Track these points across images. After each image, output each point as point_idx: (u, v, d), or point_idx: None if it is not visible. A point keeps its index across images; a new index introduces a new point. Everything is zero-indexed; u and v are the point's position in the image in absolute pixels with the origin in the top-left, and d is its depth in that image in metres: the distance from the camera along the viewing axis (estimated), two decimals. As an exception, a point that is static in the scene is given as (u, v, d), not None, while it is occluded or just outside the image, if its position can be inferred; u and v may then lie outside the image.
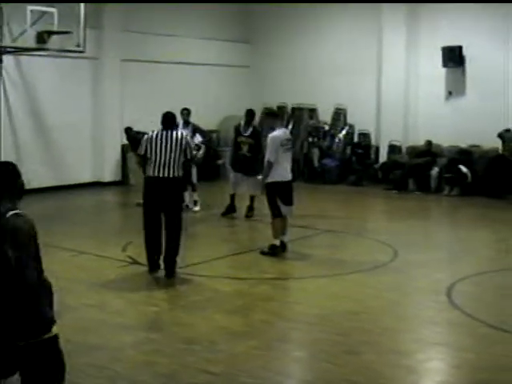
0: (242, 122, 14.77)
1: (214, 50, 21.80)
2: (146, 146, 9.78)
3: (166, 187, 9.63)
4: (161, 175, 9.60)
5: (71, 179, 18.39)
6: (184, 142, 9.74)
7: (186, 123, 15.31)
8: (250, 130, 14.62)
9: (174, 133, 9.82)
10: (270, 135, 11.21)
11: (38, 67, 17.49)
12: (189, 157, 9.86)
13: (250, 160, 14.37)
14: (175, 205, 9.77)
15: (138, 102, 19.43)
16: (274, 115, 12.26)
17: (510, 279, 10.59)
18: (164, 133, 9.78)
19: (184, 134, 10.05)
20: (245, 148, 14.52)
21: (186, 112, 15.49)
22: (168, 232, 9.79)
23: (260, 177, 11.53)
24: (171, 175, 9.62)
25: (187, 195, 14.84)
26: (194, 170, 15.20)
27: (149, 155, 9.70)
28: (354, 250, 12.33)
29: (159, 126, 10.00)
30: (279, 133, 11.25)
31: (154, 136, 9.78)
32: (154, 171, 9.65)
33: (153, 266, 9.92)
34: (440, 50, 19.37)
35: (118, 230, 14.05)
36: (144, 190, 9.88)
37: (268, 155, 11.11)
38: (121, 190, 18.93)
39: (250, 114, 14.85)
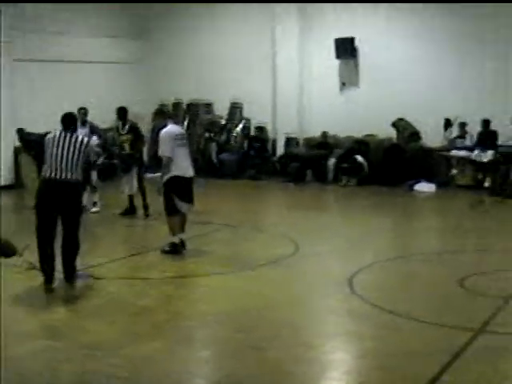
0: (120, 123, 14.90)
1: (107, 47, 21.43)
2: (46, 149, 9.43)
3: (64, 190, 9.29)
4: (58, 177, 9.26)
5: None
6: (84, 147, 9.43)
7: (84, 123, 15.12)
8: (127, 126, 14.76)
9: (75, 136, 9.48)
10: (162, 131, 11.18)
11: None
12: (87, 160, 9.69)
13: (131, 156, 14.63)
14: (74, 208, 9.46)
15: (32, 102, 18.92)
16: (162, 113, 12.45)
17: (407, 266, 10.84)
18: (63, 134, 9.44)
19: (85, 139, 9.71)
20: (126, 146, 14.68)
21: (82, 111, 15.28)
22: (66, 236, 9.48)
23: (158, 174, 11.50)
24: (69, 177, 9.29)
25: (86, 196, 14.62)
26: (94, 171, 15.03)
27: (47, 156, 9.36)
28: (256, 244, 12.36)
29: (56, 127, 9.77)
30: (171, 128, 11.23)
31: (52, 137, 9.46)
32: (51, 173, 9.31)
33: (49, 278, 9.42)
34: (333, 42, 19.61)
35: (13, 234, 13.65)
36: (38, 192, 9.49)
37: (162, 151, 11.05)
38: (15, 194, 18.46)
39: (121, 111, 14.95)
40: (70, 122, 9.64)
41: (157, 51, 22.46)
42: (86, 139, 9.67)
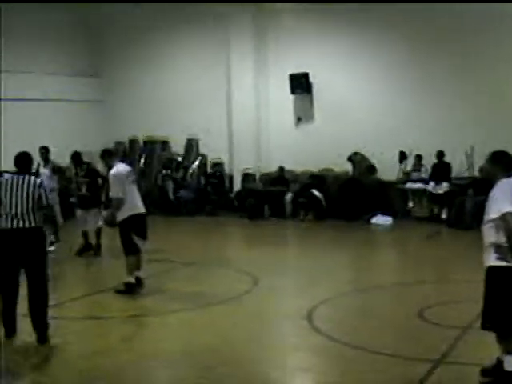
0: (77, 166, 15.04)
1: (64, 86, 21.40)
2: None
3: (24, 239, 8.53)
4: (15, 226, 8.51)
5: None
6: (37, 189, 8.63)
7: (46, 162, 15.17)
8: (84, 169, 14.89)
9: (27, 178, 8.68)
10: (111, 173, 11.15)
11: None
12: (45, 203, 8.68)
13: (90, 198, 14.63)
14: (37, 259, 8.63)
15: None
16: (110, 153, 12.25)
17: (366, 298, 10.89)
18: (16, 178, 8.67)
19: (38, 180, 8.81)
20: (83, 188, 14.73)
21: (43, 151, 15.30)
22: (32, 290, 8.63)
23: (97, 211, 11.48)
24: (27, 225, 8.53)
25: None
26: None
27: (1, 204, 8.58)
28: (214, 281, 12.35)
29: (12, 167, 9.55)
30: (119, 168, 11.21)
31: (4, 182, 8.68)
32: (7, 222, 8.54)
33: (10, 331, 8.74)
34: (288, 78, 19.80)
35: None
36: None
37: (114, 192, 11.01)
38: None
39: (75, 157, 15.17)
40: (23, 162, 8.88)
41: (114, 90, 22.52)
42: (38, 180, 8.83)
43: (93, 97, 22.38)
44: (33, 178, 8.89)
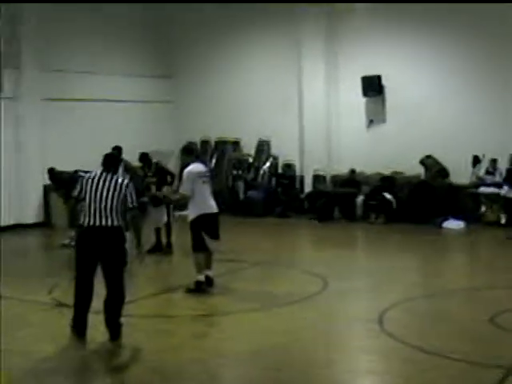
0: (145, 166, 15.22)
1: (136, 87, 21.69)
2: (81, 189, 8.70)
3: (104, 238, 8.54)
4: (97, 224, 8.52)
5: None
6: (124, 189, 8.64)
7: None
8: (153, 168, 15.05)
9: (115, 177, 8.73)
10: (186, 170, 11.27)
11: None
12: (131, 205, 8.67)
13: (159, 199, 14.67)
14: (115, 259, 8.61)
15: (61, 141, 19.14)
16: (190, 150, 12.43)
17: (437, 303, 10.73)
18: (103, 176, 8.70)
19: (125, 181, 8.84)
20: (153, 188, 14.88)
21: (116, 151, 15.43)
22: (110, 288, 8.65)
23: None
24: (110, 224, 8.54)
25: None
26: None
27: (84, 200, 8.61)
28: (283, 281, 12.32)
29: (84, 165, 9.72)
30: (194, 167, 11.28)
31: (91, 178, 8.69)
32: (89, 220, 8.55)
33: (81, 331, 8.76)
34: (360, 80, 19.68)
35: (43, 272, 13.73)
36: (78, 241, 8.81)
37: (183, 189, 11.16)
38: (44, 232, 18.60)
39: (143, 157, 15.31)
40: (111, 162, 8.90)
41: (185, 91, 22.68)
42: (126, 181, 8.87)
43: (165, 98, 22.58)
44: (120, 178, 8.94)
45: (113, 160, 8.99)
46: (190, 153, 12.24)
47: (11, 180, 18.63)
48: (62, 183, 15.55)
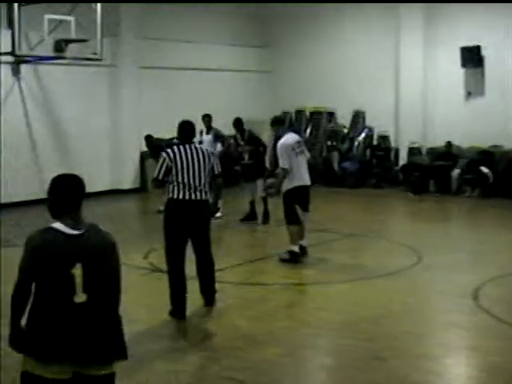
0: (238, 134, 15.05)
1: (233, 56, 21.79)
2: (167, 166, 8.31)
3: (198, 211, 8.38)
4: (192, 198, 8.30)
5: (89, 187, 18.20)
6: (210, 158, 8.49)
7: (208, 130, 15.36)
8: (246, 137, 14.87)
9: (199, 148, 8.56)
10: (279, 142, 11.16)
11: (56, 76, 17.53)
12: (216, 172, 8.58)
13: (254, 166, 14.62)
14: (206, 231, 8.57)
15: (156, 109, 19.43)
16: (280, 121, 12.34)
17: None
18: (187, 148, 8.39)
19: (208, 149, 8.82)
20: (246, 156, 14.78)
21: (207, 119, 15.50)
22: (201, 257, 8.65)
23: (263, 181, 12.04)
24: (203, 197, 8.39)
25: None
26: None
27: (174, 175, 8.29)
28: (377, 253, 12.22)
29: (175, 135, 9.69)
30: (287, 138, 11.15)
31: (177, 152, 8.35)
32: (183, 193, 8.29)
33: (182, 312, 8.46)
34: (458, 51, 19.24)
35: (138, 237, 13.97)
36: (168, 214, 8.47)
37: (281, 163, 11.04)
38: (140, 197, 18.92)
39: (237, 122, 15.06)
40: (189, 132, 8.59)
41: (282, 60, 22.65)
42: (209, 150, 8.81)
43: (261, 67, 22.61)
44: (204, 147, 8.89)
45: (189, 130, 8.60)
46: (280, 123, 12.14)
47: (109, 146, 19.00)
48: (158, 150, 15.70)
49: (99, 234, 4.22)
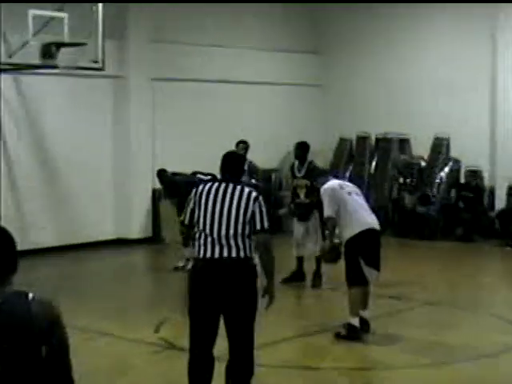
0: (297, 162, 14.95)
1: (272, 64, 21.91)
2: (193, 210, 7.95)
3: (229, 274, 7.76)
4: (217, 256, 7.76)
5: (87, 236, 18.42)
6: (251, 204, 7.80)
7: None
8: (305, 168, 14.77)
9: (238, 188, 7.89)
10: (322, 188, 11.37)
11: (43, 89, 17.68)
12: (258, 227, 7.80)
13: (309, 207, 14.48)
14: (244, 306, 7.84)
15: (173, 133, 19.55)
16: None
17: None
18: (220, 185, 7.93)
19: (253, 192, 7.91)
20: (302, 193, 14.68)
21: (242, 145, 15.61)
22: (234, 352, 7.96)
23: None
24: (235, 255, 7.78)
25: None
26: None
27: (195, 221, 7.91)
28: (464, 329, 12.11)
29: (202, 166, 9.72)
30: (330, 183, 11.47)
31: (205, 189, 7.94)
32: (204, 248, 7.82)
33: None
34: None
35: (149, 303, 14.00)
36: (191, 279, 8.08)
37: (326, 211, 11.13)
38: (152, 249, 18.98)
39: (301, 147, 14.95)
40: (234, 166, 8.15)
41: (336, 71, 22.74)
42: (253, 192, 7.94)
43: (310, 79, 22.69)
44: (246, 188, 8.01)
45: (236, 163, 8.26)
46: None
47: (112, 181, 19.13)
48: (175, 189, 15.75)
49: (20, 307, 3.82)
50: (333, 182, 11.45)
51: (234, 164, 8.15)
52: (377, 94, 22.08)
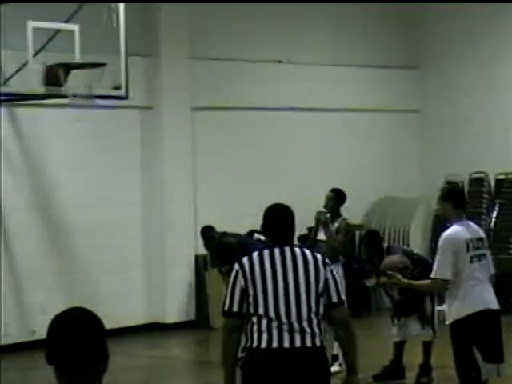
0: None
1: (352, 84, 22.00)
2: (241, 287, 7.86)
3: (300, 370, 7.70)
4: (285, 345, 7.70)
5: (111, 321, 18.37)
6: (322, 272, 7.84)
7: (333, 216, 15.42)
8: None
9: (299, 252, 7.95)
10: (443, 234, 11.12)
11: (48, 126, 17.85)
12: (335, 300, 7.87)
13: (411, 303, 14.41)
14: None
15: (220, 181, 19.67)
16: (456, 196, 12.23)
17: None
18: (277, 252, 7.93)
19: (319, 256, 8.04)
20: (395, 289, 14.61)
21: (332, 194, 15.59)
22: None
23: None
24: (310, 344, 7.73)
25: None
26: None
27: (251, 304, 7.84)
28: None
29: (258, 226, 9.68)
30: (458, 230, 11.08)
31: (257, 261, 7.93)
32: (268, 337, 7.76)
33: None
34: None
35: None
36: (247, 376, 8.03)
37: (437, 269, 10.98)
38: (196, 338, 19.01)
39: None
40: (288, 224, 8.21)
41: (438, 92, 22.77)
42: (319, 256, 8.09)
43: (407, 104, 22.75)
44: (307, 251, 8.12)
45: (290, 219, 8.26)
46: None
47: (141, 245, 19.27)
48: (227, 254, 15.78)
49: None
50: (465, 232, 11.09)
51: (288, 221, 8.20)
52: (493, 120, 22.12)
